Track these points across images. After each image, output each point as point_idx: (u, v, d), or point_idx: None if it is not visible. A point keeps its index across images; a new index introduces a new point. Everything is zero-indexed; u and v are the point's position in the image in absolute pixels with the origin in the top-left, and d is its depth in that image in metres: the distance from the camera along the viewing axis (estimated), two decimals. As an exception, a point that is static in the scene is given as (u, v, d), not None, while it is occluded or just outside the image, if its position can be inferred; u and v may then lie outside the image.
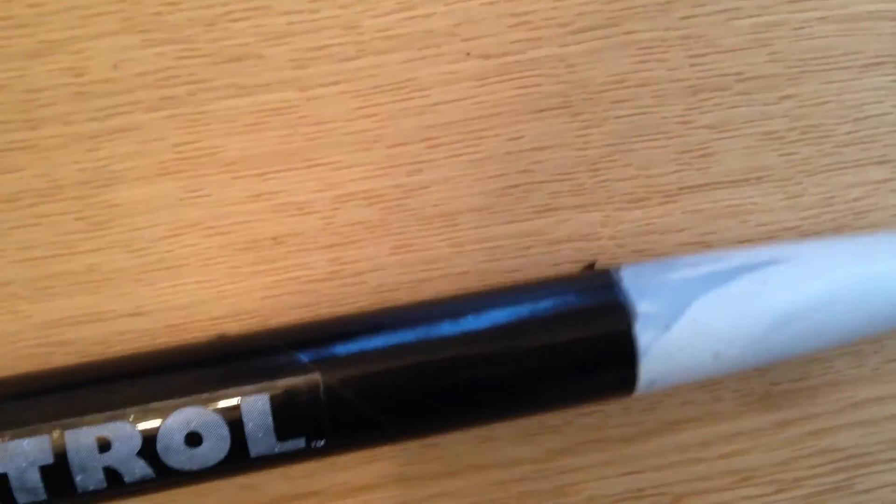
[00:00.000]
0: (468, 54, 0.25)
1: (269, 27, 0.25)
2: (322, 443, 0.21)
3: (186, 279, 0.25)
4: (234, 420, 0.20)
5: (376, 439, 0.23)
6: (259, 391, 0.20)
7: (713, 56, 0.26)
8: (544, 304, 0.22)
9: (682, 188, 0.26)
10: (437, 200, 0.25)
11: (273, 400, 0.20)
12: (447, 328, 0.22)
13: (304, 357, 0.21)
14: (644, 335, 0.21)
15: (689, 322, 0.21)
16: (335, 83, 0.25)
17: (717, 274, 0.22)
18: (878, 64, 0.26)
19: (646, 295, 0.22)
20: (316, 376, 0.21)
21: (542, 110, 0.26)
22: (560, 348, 0.22)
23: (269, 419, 0.20)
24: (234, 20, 0.25)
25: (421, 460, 0.25)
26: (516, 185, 0.26)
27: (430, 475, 0.25)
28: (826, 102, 0.26)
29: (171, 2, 0.24)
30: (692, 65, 0.26)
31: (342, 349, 0.21)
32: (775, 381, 0.26)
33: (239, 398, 0.20)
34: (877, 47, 0.26)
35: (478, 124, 0.25)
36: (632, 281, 0.22)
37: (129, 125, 0.24)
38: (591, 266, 0.25)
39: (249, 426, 0.20)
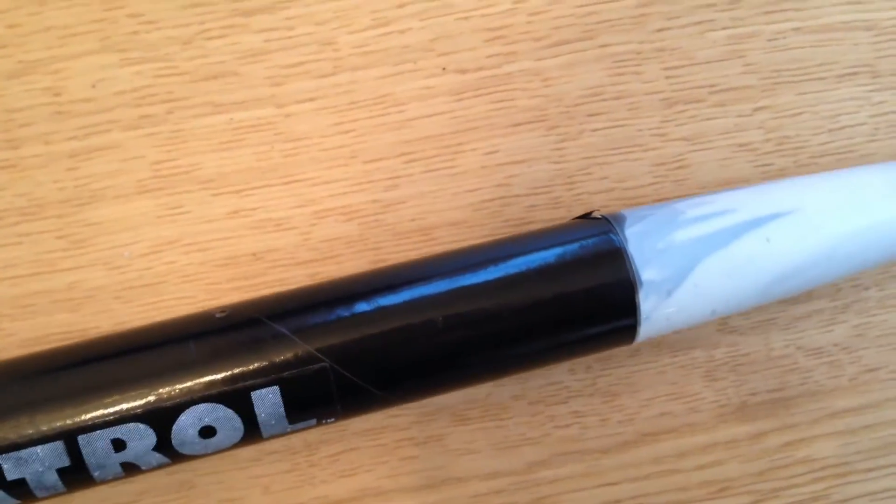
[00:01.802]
0: (444, 69, 0.25)
1: (245, 45, 0.25)
2: (332, 420, 0.21)
3: (166, 296, 0.25)
4: (246, 412, 0.20)
5: (389, 405, 0.23)
6: (269, 382, 0.20)
7: (688, 68, 0.26)
8: (551, 267, 0.22)
9: (658, 200, 0.26)
10: (413, 215, 0.26)
11: (284, 390, 0.20)
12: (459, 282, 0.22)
13: (311, 342, 0.20)
14: (646, 303, 0.21)
15: (692, 287, 0.22)
16: (312, 99, 0.25)
17: (722, 233, 0.22)
18: (853, 74, 0.26)
19: (650, 261, 0.21)
20: (325, 363, 0.20)
21: (517, 124, 0.26)
22: (562, 313, 0.22)
23: (281, 409, 0.20)
24: (211, 38, 0.25)
25: (399, 473, 0.25)
26: (492, 200, 0.26)
27: (408, 488, 0.25)
28: (801, 113, 0.26)
29: (149, 21, 0.25)
30: (667, 77, 0.26)
31: (348, 327, 0.21)
32: (752, 391, 0.26)
33: (250, 392, 0.20)
34: (852, 57, 0.26)
35: (454, 139, 0.26)
36: (637, 245, 0.22)
37: (108, 144, 0.25)
38: (587, 215, 0.24)
39: (262, 416, 0.20)
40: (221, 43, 0.25)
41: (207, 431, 0.20)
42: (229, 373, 0.20)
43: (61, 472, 0.20)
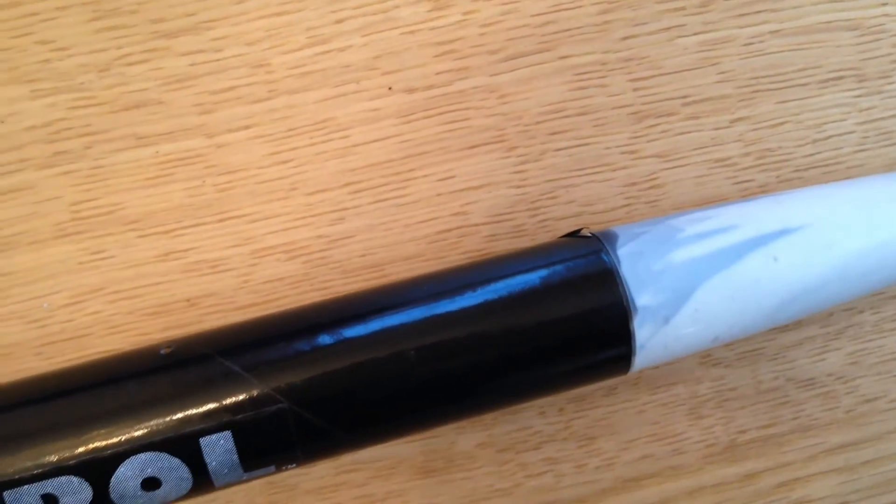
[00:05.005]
0: (390, 89, 0.23)
1: (169, 70, 0.23)
2: (293, 465, 0.19)
3: (91, 350, 0.23)
4: (194, 460, 0.18)
5: (357, 447, 0.21)
6: (220, 427, 0.18)
7: (657, 79, 0.24)
8: (535, 291, 0.20)
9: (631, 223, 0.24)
10: (363, 250, 0.23)
11: (237, 436, 0.18)
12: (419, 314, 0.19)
13: (267, 381, 0.18)
14: (642, 331, 0.19)
15: (691, 313, 0.20)
16: (246, 127, 0.23)
17: (724, 252, 0.20)
18: (838, 79, 0.24)
19: (646, 285, 0.20)
20: (283, 404, 0.18)
21: (473, 146, 0.24)
22: (548, 342, 0.20)
23: (235, 455, 0.18)
24: (131, 64, 0.23)
25: (357, 535, 0.23)
26: (449, 230, 0.24)
27: (367, 551, 0.23)
28: (783, 123, 0.24)
29: (61, 47, 0.22)
30: (635, 89, 0.24)
31: (308, 363, 0.19)
32: (741, 428, 0.24)
33: (199, 438, 0.18)
34: (836, 60, 0.24)
35: (404, 165, 0.23)
36: (630, 267, 0.20)
37: (21, 185, 0.22)
38: (575, 233, 0.22)
39: (213, 464, 0.18)
40: (142, 69, 0.23)
41: (151, 483, 0.18)
42: (175, 417, 0.18)
43: None
